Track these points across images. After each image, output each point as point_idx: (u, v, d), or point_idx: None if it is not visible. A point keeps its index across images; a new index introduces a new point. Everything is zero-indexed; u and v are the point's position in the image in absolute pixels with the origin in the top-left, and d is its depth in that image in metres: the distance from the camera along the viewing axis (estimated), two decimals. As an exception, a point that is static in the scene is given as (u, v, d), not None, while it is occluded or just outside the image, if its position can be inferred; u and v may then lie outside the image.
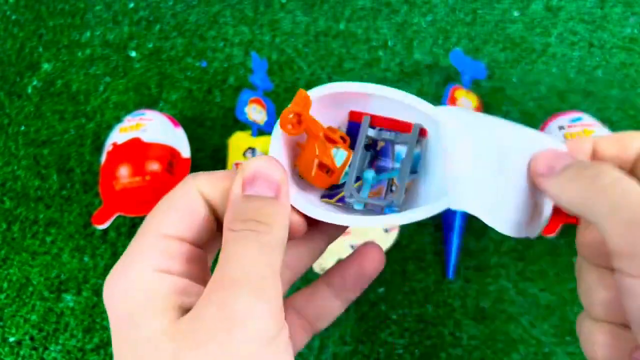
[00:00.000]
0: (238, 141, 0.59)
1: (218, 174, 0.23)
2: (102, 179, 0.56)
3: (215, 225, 0.24)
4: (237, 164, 0.58)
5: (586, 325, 0.23)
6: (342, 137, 0.27)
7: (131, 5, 0.73)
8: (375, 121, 0.27)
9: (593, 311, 0.22)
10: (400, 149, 0.27)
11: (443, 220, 0.57)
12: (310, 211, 0.24)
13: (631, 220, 0.18)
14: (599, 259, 0.23)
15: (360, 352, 0.53)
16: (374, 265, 0.27)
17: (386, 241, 0.56)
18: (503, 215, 0.23)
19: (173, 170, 0.56)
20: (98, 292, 0.57)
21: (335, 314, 0.27)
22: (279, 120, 0.26)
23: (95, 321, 0.56)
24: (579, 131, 0.55)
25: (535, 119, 0.62)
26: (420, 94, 0.66)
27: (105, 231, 0.59)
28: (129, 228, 0.59)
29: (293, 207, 0.24)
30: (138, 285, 0.20)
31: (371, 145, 0.28)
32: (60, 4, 0.73)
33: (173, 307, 0.20)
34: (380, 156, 0.28)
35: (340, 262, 0.28)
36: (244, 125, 0.61)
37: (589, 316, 0.23)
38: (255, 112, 0.60)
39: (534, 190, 0.23)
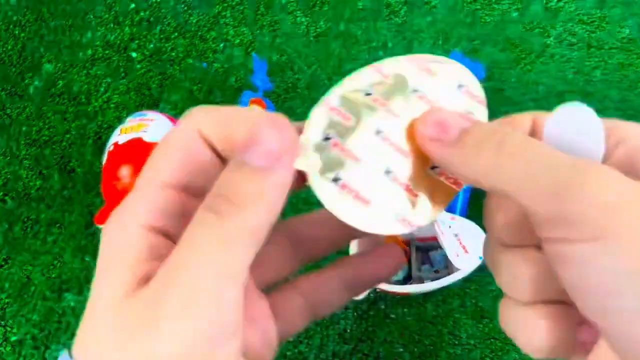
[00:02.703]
0: (238, 141, 0.60)
1: (220, 112, 0.20)
2: (104, 179, 0.56)
3: (216, 165, 0.20)
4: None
5: (517, 314, 0.20)
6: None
7: (132, 6, 0.73)
8: None
9: (522, 294, 0.20)
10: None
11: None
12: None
13: (553, 185, 0.16)
14: (519, 237, 0.20)
15: (359, 350, 0.54)
16: (392, 267, 0.26)
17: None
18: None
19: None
20: (99, 291, 0.57)
21: (341, 305, 0.25)
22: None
23: (96, 320, 0.56)
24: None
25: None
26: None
27: (106, 231, 0.59)
28: (130, 228, 0.59)
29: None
30: (118, 240, 0.18)
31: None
32: (62, 5, 0.74)
33: (137, 276, 0.17)
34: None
35: (357, 257, 0.26)
36: (244, 125, 0.61)
37: (517, 303, 0.20)
38: (256, 113, 0.61)
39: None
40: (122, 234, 0.18)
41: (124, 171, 0.55)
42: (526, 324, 0.19)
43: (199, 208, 0.17)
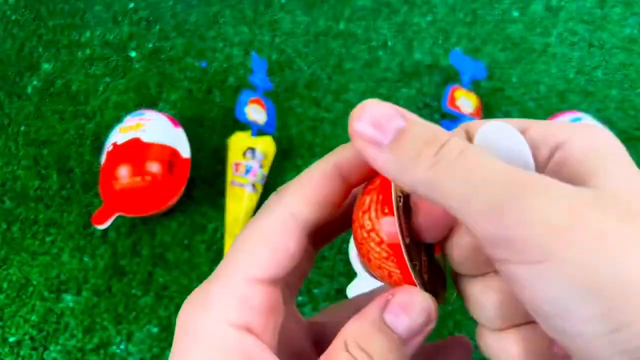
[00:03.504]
0: (238, 141, 0.59)
1: (308, 183, 0.20)
2: (102, 179, 0.56)
3: (306, 248, 0.21)
4: (236, 164, 0.58)
5: (492, 341, 0.20)
6: None
7: (131, 5, 0.73)
8: None
9: (491, 323, 0.19)
10: None
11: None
12: None
13: (491, 202, 0.15)
14: (475, 266, 0.19)
15: (360, 352, 0.53)
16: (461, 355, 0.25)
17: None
18: None
19: (173, 170, 0.56)
20: (98, 292, 0.57)
21: None
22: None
23: (95, 321, 0.55)
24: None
25: (534, 118, 0.62)
26: (420, 94, 0.66)
27: (105, 231, 0.59)
28: (128, 228, 0.59)
29: None
30: (211, 338, 0.18)
31: None
32: (60, 4, 0.73)
33: None
34: None
35: (428, 347, 0.25)
36: (243, 125, 0.61)
37: (489, 330, 0.20)
38: (255, 112, 0.60)
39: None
40: (209, 332, 0.18)
41: (123, 171, 0.55)
42: (500, 351, 0.19)
43: (342, 349, 0.18)
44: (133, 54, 0.70)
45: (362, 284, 0.51)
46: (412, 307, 0.19)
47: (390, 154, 0.17)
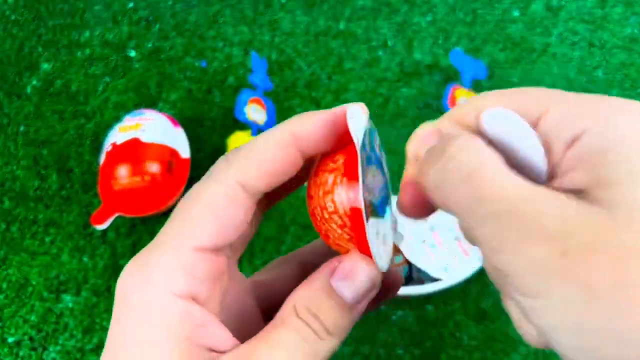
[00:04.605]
0: (238, 141, 0.59)
1: (262, 152, 0.20)
2: (102, 179, 0.56)
3: (256, 217, 0.21)
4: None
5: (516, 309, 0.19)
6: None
7: (130, 5, 0.73)
8: None
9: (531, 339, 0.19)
10: None
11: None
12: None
13: (496, 214, 0.15)
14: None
15: (360, 352, 0.53)
16: (395, 289, 0.26)
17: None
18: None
19: (172, 170, 0.56)
20: (97, 292, 0.57)
21: None
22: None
23: (94, 321, 0.55)
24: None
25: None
26: (420, 93, 0.66)
27: (104, 231, 0.59)
28: (128, 228, 0.59)
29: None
30: (154, 310, 0.18)
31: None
32: (60, 4, 0.73)
33: (171, 348, 0.18)
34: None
35: None
36: (243, 125, 0.61)
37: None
38: (255, 112, 0.60)
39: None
40: (154, 305, 0.18)
41: (122, 171, 0.55)
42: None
43: (293, 314, 0.19)
44: (133, 53, 0.70)
45: None
46: (357, 273, 0.19)
47: (417, 165, 0.19)
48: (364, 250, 0.19)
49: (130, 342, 0.18)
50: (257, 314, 0.23)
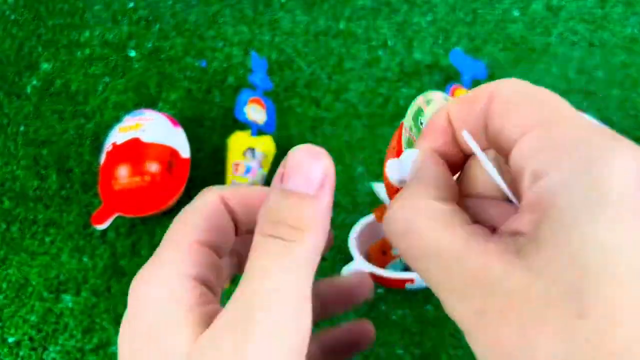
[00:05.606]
0: (238, 141, 0.59)
1: (239, 188, 0.23)
2: (102, 179, 0.56)
3: (233, 231, 0.23)
4: (236, 164, 0.58)
5: None
6: None
7: (130, 4, 0.73)
8: None
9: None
10: None
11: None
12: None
13: (427, 271, 0.16)
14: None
15: (360, 352, 0.53)
16: (365, 343, 0.28)
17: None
18: None
19: (172, 170, 0.56)
20: (97, 292, 0.57)
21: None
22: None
23: (94, 322, 0.55)
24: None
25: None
26: (420, 93, 0.66)
27: (104, 231, 0.59)
28: (128, 228, 0.59)
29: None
30: (167, 291, 0.19)
31: None
32: (59, 4, 0.73)
33: (196, 321, 0.18)
34: None
35: (332, 329, 0.28)
36: (243, 125, 0.61)
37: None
38: (255, 112, 0.60)
39: None
40: (169, 287, 0.19)
41: (122, 171, 0.55)
42: None
43: (259, 235, 0.18)
44: (132, 53, 0.69)
45: (357, 268, 0.52)
46: (303, 165, 0.19)
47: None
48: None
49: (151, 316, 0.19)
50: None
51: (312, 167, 0.19)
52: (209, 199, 0.22)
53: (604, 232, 0.14)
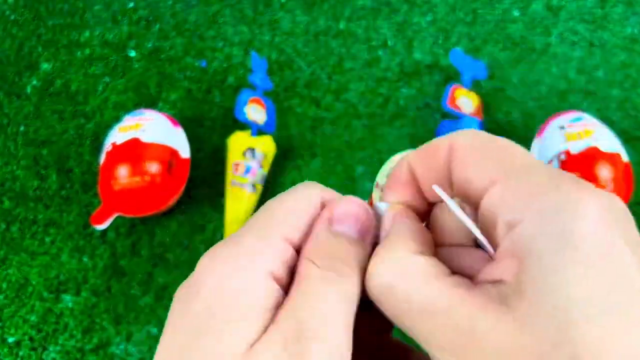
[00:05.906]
0: (238, 141, 0.59)
1: (334, 192, 0.22)
2: (102, 179, 0.56)
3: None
4: (236, 164, 0.58)
5: None
6: None
7: (130, 4, 0.73)
8: None
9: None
10: None
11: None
12: None
13: (410, 328, 0.17)
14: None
15: (360, 352, 0.53)
16: None
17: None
18: None
19: (172, 170, 0.56)
20: (97, 292, 0.57)
21: None
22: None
23: (94, 322, 0.55)
24: (580, 131, 0.54)
25: (535, 119, 0.62)
26: (420, 93, 0.66)
27: (104, 231, 0.59)
28: (128, 228, 0.59)
29: None
30: (249, 287, 0.18)
31: None
32: (59, 4, 0.73)
33: (265, 324, 0.18)
34: None
35: None
36: (243, 125, 0.61)
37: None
38: (255, 112, 0.60)
39: None
40: (251, 281, 0.19)
41: (122, 171, 0.55)
42: None
43: (310, 265, 0.19)
44: (132, 53, 0.69)
45: None
46: (351, 213, 0.20)
47: None
48: None
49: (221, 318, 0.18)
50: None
51: (359, 216, 0.20)
52: (313, 198, 0.21)
53: (579, 278, 0.14)
